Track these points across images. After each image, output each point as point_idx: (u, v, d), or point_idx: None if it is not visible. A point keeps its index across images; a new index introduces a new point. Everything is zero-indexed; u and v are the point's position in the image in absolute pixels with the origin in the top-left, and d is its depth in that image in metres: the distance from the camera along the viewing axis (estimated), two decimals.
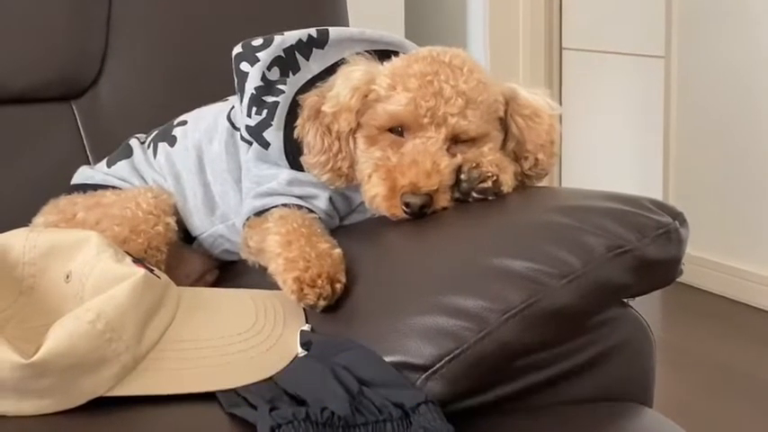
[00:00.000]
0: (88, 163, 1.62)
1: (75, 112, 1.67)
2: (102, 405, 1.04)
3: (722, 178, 3.23)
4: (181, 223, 1.46)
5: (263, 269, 1.29)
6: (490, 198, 1.27)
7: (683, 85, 3.36)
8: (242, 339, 1.15)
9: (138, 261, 1.18)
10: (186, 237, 1.48)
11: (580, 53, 3.94)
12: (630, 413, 1.19)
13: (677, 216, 1.21)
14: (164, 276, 1.19)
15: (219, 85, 1.52)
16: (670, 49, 3.39)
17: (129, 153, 1.51)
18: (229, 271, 1.50)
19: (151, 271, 1.15)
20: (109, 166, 1.51)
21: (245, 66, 1.37)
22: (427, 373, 1.08)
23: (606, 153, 3.81)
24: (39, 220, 1.44)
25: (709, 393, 2.58)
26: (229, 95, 1.50)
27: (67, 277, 1.17)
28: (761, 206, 3.12)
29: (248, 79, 1.36)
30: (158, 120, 1.57)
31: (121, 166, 1.50)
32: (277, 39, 1.37)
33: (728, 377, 2.66)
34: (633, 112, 3.67)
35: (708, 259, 3.20)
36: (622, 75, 3.70)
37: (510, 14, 3.95)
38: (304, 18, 1.64)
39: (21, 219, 1.42)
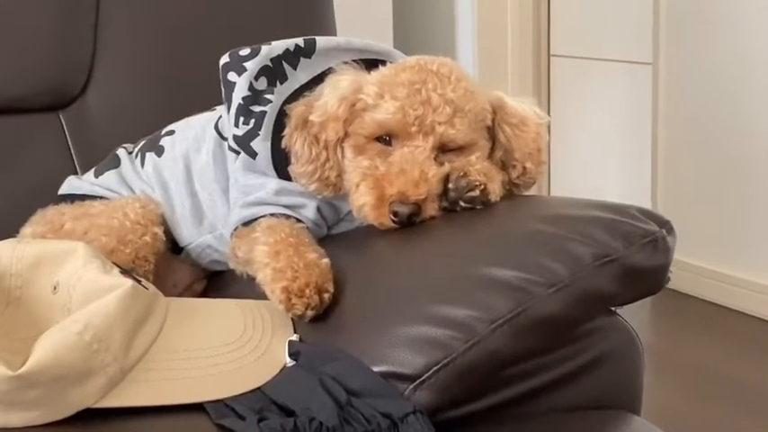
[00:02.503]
0: (76, 173, 1.61)
1: (63, 121, 1.67)
2: (90, 417, 1.04)
3: (710, 184, 3.24)
4: (169, 233, 1.45)
5: (252, 279, 1.29)
6: (478, 207, 1.27)
7: (671, 91, 3.36)
8: (230, 350, 1.14)
9: (125, 272, 1.18)
10: (174, 247, 1.48)
11: (568, 60, 3.94)
12: (619, 421, 1.19)
13: (664, 224, 1.21)
14: (151, 287, 1.18)
15: (207, 94, 1.52)
16: (658, 55, 3.39)
17: (116, 163, 1.51)
18: (217, 281, 1.50)
19: (139, 282, 1.15)
20: (96, 176, 1.51)
21: (232, 76, 1.37)
22: (415, 383, 1.08)
23: (594, 159, 3.81)
24: (26, 230, 1.44)
25: (697, 399, 2.58)
26: (217, 105, 1.50)
27: (55, 288, 1.17)
28: (749, 212, 3.13)
29: (236, 89, 1.36)
30: (146, 129, 1.56)
31: (109, 177, 1.50)
32: (264, 48, 1.37)
33: (716, 382, 2.66)
34: (621, 119, 3.67)
35: (695, 265, 3.20)
36: (610, 81, 3.71)
37: (498, 22, 3.95)
38: (291, 26, 1.64)
39: (8, 229, 1.41)
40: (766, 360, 2.82)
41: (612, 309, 1.23)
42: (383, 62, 1.38)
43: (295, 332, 1.20)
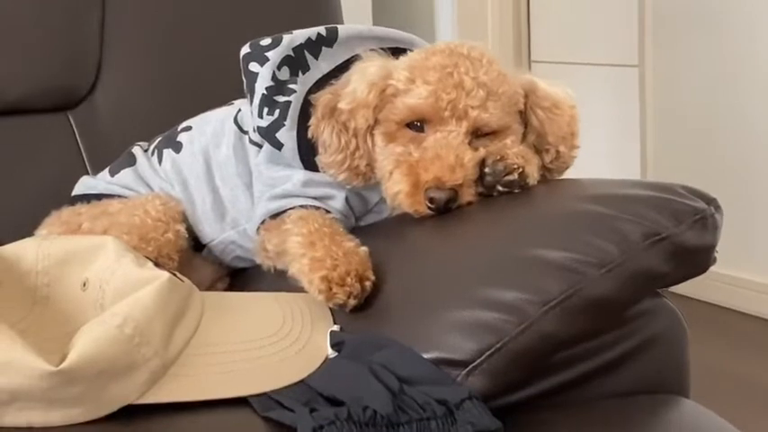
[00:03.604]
0: (87, 173, 1.58)
1: (72, 121, 1.63)
2: (131, 413, 1.00)
3: (703, 186, 3.20)
4: (190, 231, 1.41)
5: (279, 274, 1.26)
6: (516, 191, 1.24)
7: (659, 93, 3.36)
8: (271, 342, 1.11)
9: (158, 265, 1.14)
10: (195, 245, 1.44)
11: (550, 65, 3.93)
12: (671, 405, 1.16)
13: (711, 201, 1.19)
14: (186, 280, 1.14)
15: (216, 91, 1.51)
16: (644, 57, 3.39)
17: (132, 161, 1.47)
18: (240, 278, 1.46)
19: (174, 274, 1.11)
20: (112, 174, 1.47)
21: (254, 66, 1.34)
22: (468, 369, 1.04)
23: (582, 164, 3.78)
24: (41, 232, 1.40)
25: (704, 398, 2.56)
26: (227, 99, 1.47)
27: (84, 285, 1.13)
28: (740, 212, 3.11)
29: (258, 79, 1.33)
30: (156, 126, 1.53)
31: (125, 175, 1.46)
32: (286, 38, 1.35)
33: (723, 381, 2.65)
34: (608, 123, 3.65)
35: None
36: (595, 85, 3.69)
37: (478, 29, 3.94)
38: (299, 21, 1.61)
39: (22, 231, 1.36)
40: None
41: (658, 291, 1.21)
42: (405, 50, 1.35)
43: (335, 323, 1.16)
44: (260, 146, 1.36)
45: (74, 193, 1.48)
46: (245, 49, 1.36)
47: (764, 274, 3.11)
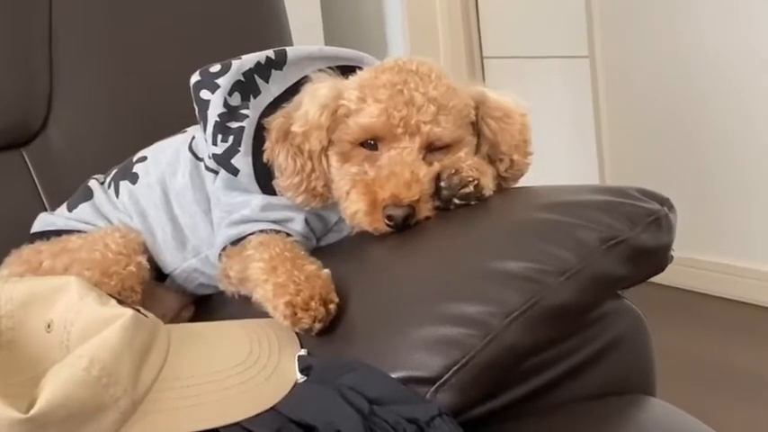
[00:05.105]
0: (45, 210, 1.56)
1: (27, 158, 1.62)
2: None
3: (660, 171, 3.25)
4: (151, 261, 1.41)
5: (244, 299, 1.26)
6: (472, 203, 1.25)
7: (611, 82, 3.38)
8: (239, 372, 1.11)
9: (121, 302, 1.14)
10: (158, 275, 1.44)
11: (502, 60, 3.94)
12: (639, 405, 1.18)
13: (665, 202, 1.21)
14: (151, 315, 1.14)
15: (170, 117, 1.50)
16: (593, 47, 3.41)
17: (89, 195, 1.46)
18: (205, 306, 1.46)
19: (138, 311, 1.11)
20: (70, 210, 1.47)
21: (205, 93, 1.34)
22: (436, 386, 1.05)
23: (539, 158, 3.79)
24: (2, 272, 1.39)
25: (673, 383, 2.58)
26: (182, 127, 1.47)
27: (48, 326, 1.12)
28: (694, 197, 3.15)
29: (210, 107, 1.33)
30: (112, 158, 1.53)
31: (83, 209, 1.45)
32: (235, 63, 1.35)
33: (695, 365, 2.67)
34: (563, 115, 3.67)
35: None
36: (547, 78, 3.70)
37: (428, 27, 3.94)
38: (247, 44, 1.61)
39: None
40: (744, 341, 2.84)
41: (618, 293, 1.22)
42: (355, 68, 1.36)
43: (302, 347, 1.17)
44: (216, 172, 1.36)
45: (33, 231, 1.47)
46: (195, 77, 1.36)
47: (730, 256, 3.14)
